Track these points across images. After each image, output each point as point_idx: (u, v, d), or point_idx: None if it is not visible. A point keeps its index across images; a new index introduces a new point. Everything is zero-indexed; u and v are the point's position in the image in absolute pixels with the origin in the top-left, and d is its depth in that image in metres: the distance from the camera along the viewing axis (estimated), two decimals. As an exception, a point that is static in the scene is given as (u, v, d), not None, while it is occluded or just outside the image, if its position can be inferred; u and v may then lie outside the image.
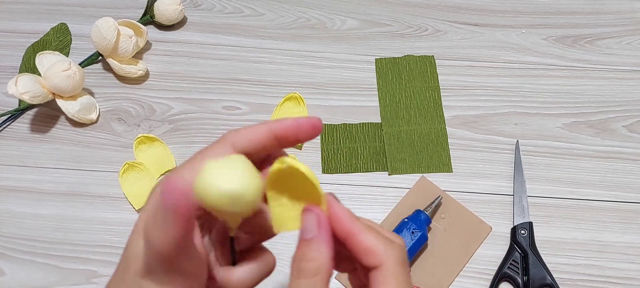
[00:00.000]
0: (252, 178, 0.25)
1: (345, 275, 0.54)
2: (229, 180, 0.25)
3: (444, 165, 0.60)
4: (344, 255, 0.29)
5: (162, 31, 0.69)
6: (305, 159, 0.60)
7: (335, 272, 0.54)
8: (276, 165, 0.27)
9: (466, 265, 0.54)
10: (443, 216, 0.56)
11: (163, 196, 0.23)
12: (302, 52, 0.67)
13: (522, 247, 0.54)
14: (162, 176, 0.58)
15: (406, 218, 0.54)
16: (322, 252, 0.26)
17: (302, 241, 0.27)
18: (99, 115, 0.63)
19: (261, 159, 0.30)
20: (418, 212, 0.54)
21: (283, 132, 0.28)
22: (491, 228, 0.56)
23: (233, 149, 0.28)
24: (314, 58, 0.67)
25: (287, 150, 0.29)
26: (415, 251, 0.52)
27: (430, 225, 0.55)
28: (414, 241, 0.52)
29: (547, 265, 0.53)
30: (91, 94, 0.64)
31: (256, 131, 0.29)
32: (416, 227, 0.53)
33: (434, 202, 0.55)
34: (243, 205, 0.25)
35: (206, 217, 0.29)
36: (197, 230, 0.28)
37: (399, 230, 0.53)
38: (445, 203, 0.57)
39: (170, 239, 0.24)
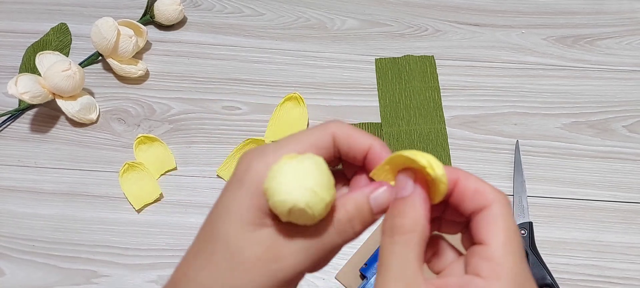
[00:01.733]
0: (321, 191, 0.24)
1: (345, 275, 0.54)
2: (293, 189, 0.23)
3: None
4: (448, 220, 0.28)
5: (162, 31, 0.69)
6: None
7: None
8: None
9: (466, 265, 0.54)
10: (443, 216, 0.56)
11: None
12: (302, 52, 0.67)
13: (522, 247, 0.54)
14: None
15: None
16: (417, 208, 0.25)
17: (396, 200, 0.25)
18: (99, 115, 0.63)
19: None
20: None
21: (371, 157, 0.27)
22: (491, 228, 0.56)
23: (332, 137, 0.26)
24: (314, 58, 0.67)
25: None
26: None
27: (430, 225, 0.55)
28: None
29: (547, 265, 0.53)
30: (91, 94, 0.64)
31: (361, 138, 0.26)
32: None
33: (433, 202, 0.55)
34: (307, 218, 0.24)
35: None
36: None
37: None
38: (445, 203, 0.57)
39: None
